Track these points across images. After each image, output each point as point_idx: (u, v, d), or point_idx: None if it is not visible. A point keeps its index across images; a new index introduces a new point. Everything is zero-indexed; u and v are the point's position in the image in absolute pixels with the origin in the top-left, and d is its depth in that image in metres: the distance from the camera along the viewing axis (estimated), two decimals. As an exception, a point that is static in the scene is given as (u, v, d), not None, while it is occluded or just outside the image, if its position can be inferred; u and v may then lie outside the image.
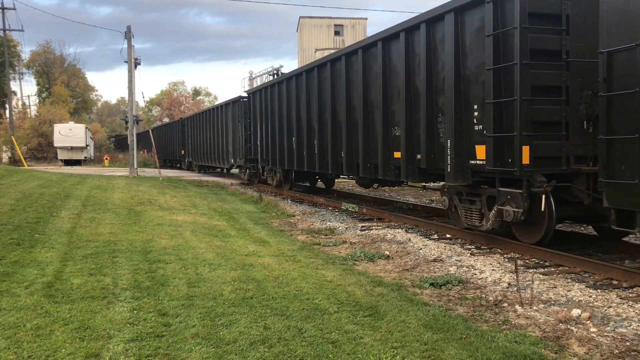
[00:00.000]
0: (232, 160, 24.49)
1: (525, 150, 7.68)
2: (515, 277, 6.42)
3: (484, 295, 6.26)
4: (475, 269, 7.52)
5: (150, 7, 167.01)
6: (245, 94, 23.22)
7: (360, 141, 12.18)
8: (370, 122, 11.88)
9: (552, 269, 7.54)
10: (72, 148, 42.68)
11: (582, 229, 10.56)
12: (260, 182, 21.87)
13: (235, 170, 29.87)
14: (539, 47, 7.73)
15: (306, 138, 15.52)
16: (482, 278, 7.08)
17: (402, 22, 10.50)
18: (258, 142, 20.36)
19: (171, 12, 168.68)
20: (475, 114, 8.57)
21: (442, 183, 9.78)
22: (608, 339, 4.87)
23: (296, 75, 16.34)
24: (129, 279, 6.52)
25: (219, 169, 32.72)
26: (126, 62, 26.56)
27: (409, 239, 9.75)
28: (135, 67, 26.90)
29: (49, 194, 14.94)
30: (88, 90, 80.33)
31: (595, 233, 9.47)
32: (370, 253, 8.55)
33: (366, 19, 54.31)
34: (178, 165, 42.05)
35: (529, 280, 6.73)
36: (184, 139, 36.80)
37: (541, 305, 5.84)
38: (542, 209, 7.79)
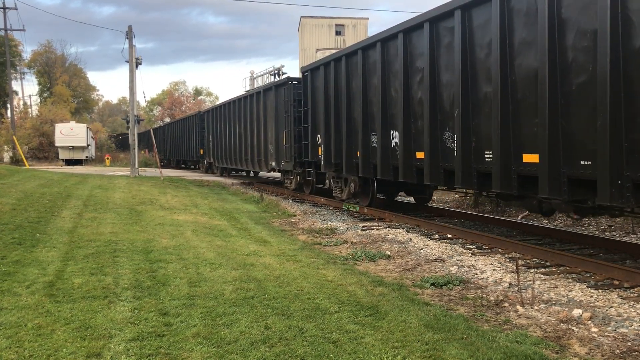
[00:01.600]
0: (274, 163, 18.87)
1: None
2: (516, 277, 6.42)
3: (485, 295, 6.26)
4: (477, 269, 7.52)
5: (152, 7, 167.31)
6: (292, 73, 19.72)
7: (607, 131, 6.28)
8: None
9: (553, 269, 7.54)
10: (73, 148, 42.72)
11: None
12: (313, 192, 17.18)
13: (272, 175, 25.45)
14: None
15: (428, 129, 9.64)
16: (483, 278, 7.07)
17: None
18: (320, 140, 14.80)
19: (174, 12, 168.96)
20: None
21: None
22: (609, 339, 4.86)
23: (405, 31, 10.40)
24: (130, 278, 6.53)
25: (243, 172, 28.73)
26: (127, 61, 26.58)
27: (410, 239, 9.75)
28: (137, 66, 26.91)
29: (50, 194, 14.95)
30: (89, 90, 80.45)
31: None
32: (371, 253, 8.55)
33: (367, 18, 54.29)
34: (193, 166, 37.90)
35: (530, 280, 6.72)
36: (203, 137, 31.29)
37: (542, 305, 5.83)
38: None
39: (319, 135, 15.07)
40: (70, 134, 42.43)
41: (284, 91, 17.45)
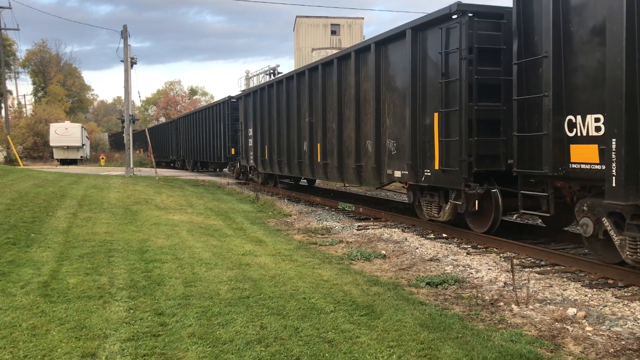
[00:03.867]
0: (399, 173, 10.66)
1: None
2: (511, 276, 6.44)
3: (480, 295, 6.27)
4: (472, 268, 7.54)
5: (150, 6, 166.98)
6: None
7: None
8: None
9: (548, 268, 7.57)
10: (68, 147, 42.65)
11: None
12: (492, 232, 9.32)
13: (355, 190, 18.87)
14: None
15: None
16: (478, 277, 7.09)
17: None
18: (597, 127, 6.63)
19: (172, 11, 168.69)
20: None
21: None
22: (603, 337, 4.89)
23: None
24: (125, 278, 6.51)
25: (296, 181, 20.73)
26: (122, 61, 26.52)
27: (406, 239, 9.76)
28: (132, 66, 26.85)
29: (44, 194, 14.90)
30: (84, 89, 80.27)
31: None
32: (366, 252, 8.56)
33: (362, 18, 54.26)
34: (214, 170, 32.24)
35: (525, 280, 6.75)
36: (236, 131, 23.36)
37: (537, 304, 5.86)
38: None
39: (576, 118, 7.03)
40: (65, 133, 42.35)
41: (442, 36, 9.17)
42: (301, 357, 4.28)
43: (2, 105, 49.17)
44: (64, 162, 42.07)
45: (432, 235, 10.23)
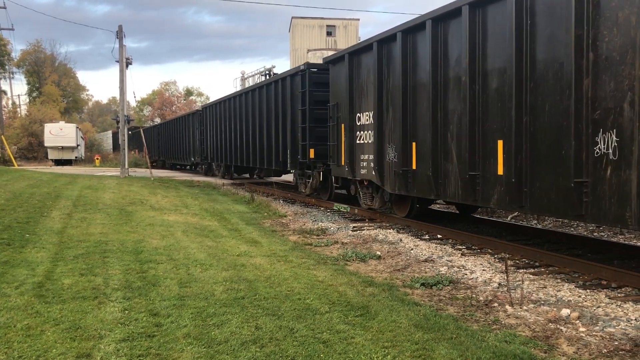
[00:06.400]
0: None
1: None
2: (506, 277, 6.46)
3: (474, 295, 6.30)
4: (466, 269, 7.56)
5: (148, 6, 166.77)
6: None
7: None
8: None
9: (542, 269, 7.60)
10: (62, 148, 42.56)
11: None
12: None
13: None
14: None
15: None
16: (472, 278, 7.12)
17: None
18: None
19: (170, 11, 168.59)
20: None
21: None
22: (597, 338, 4.91)
23: None
24: (120, 279, 6.51)
25: (422, 205, 12.11)
26: (118, 61, 26.45)
27: (401, 239, 9.79)
28: (127, 66, 26.77)
29: (39, 194, 14.85)
30: (79, 89, 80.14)
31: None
32: (361, 253, 8.57)
33: (358, 19, 54.47)
34: (262, 176, 25.04)
35: (519, 281, 6.77)
36: (317, 120, 14.79)
37: (531, 305, 5.88)
38: None
39: None
40: (60, 134, 42.27)
41: None
42: (296, 357, 4.29)
43: (-3, 105, 49.01)
44: (59, 162, 41.95)
45: (427, 236, 10.26)
